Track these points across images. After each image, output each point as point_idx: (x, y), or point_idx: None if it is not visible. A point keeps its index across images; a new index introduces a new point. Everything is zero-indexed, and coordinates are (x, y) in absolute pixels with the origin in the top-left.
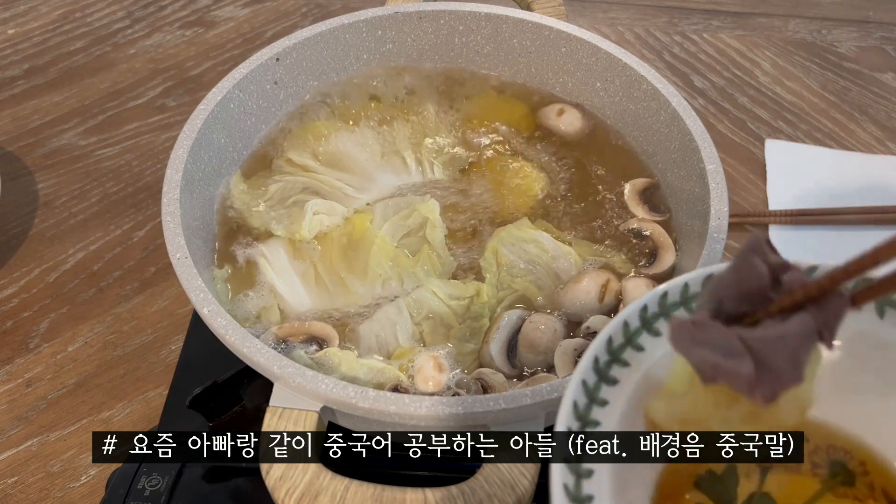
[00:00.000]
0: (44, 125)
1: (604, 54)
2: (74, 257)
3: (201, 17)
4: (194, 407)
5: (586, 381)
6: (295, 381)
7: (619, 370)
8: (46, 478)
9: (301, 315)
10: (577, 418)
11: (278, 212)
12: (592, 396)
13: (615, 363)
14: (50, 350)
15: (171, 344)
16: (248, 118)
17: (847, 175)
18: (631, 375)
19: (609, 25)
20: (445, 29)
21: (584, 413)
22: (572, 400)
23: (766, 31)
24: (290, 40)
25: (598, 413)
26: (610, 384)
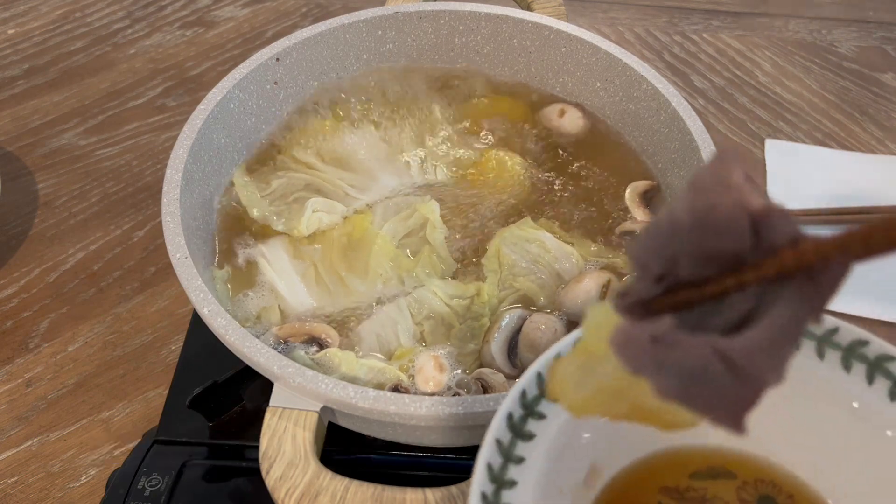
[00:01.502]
0: (44, 125)
1: (604, 54)
2: (74, 257)
3: (201, 17)
4: (194, 407)
5: (500, 440)
6: (295, 380)
7: (535, 424)
8: (46, 478)
9: (301, 315)
10: (492, 480)
11: (279, 207)
12: (508, 455)
13: (530, 417)
14: (50, 350)
15: (172, 344)
16: (248, 118)
17: (847, 175)
18: (549, 427)
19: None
20: (445, 29)
21: (499, 475)
22: (486, 462)
23: (766, 31)
24: (290, 40)
25: (515, 472)
26: (526, 440)
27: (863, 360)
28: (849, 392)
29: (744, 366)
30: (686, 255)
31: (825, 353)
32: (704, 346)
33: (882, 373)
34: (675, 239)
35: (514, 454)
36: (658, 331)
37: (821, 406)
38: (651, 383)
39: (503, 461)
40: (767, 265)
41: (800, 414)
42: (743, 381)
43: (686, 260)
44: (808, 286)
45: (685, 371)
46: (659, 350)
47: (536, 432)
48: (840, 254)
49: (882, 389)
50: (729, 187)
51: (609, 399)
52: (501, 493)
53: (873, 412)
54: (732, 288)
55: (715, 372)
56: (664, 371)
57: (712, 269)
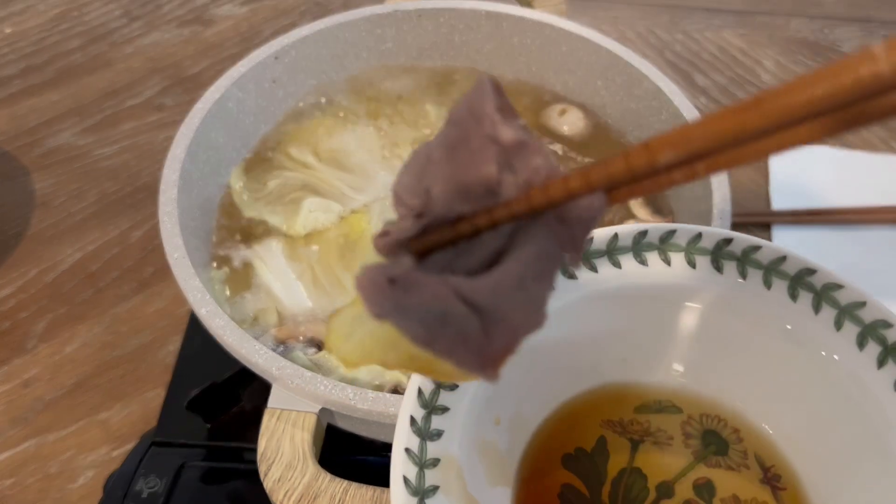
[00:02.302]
0: (41, 125)
1: (605, 52)
2: (72, 258)
3: (199, 16)
4: (192, 408)
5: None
6: (293, 382)
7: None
8: (44, 479)
9: (299, 317)
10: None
11: (275, 208)
12: (429, 405)
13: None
14: (47, 351)
15: (170, 345)
16: (246, 117)
17: (852, 174)
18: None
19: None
20: (445, 27)
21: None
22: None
23: (768, 30)
24: (288, 39)
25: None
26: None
27: (784, 276)
28: (773, 311)
29: (487, 307)
30: (440, 188)
31: (747, 273)
32: (443, 286)
33: (828, 301)
34: (428, 171)
35: (432, 426)
36: (395, 272)
37: (758, 338)
38: (397, 328)
39: (426, 413)
40: (518, 202)
41: (744, 348)
42: (490, 325)
43: (441, 194)
44: (557, 224)
45: (426, 315)
46: (398, 292)
47: (450, 405)
48: (585, 188)
49: (828, 318)
50: (481, 118)
51: (382, 348)
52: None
53: (810, 337)
54: (485, 227)
55: (457, 315)
56: (406, 315)
57: (467, 205)
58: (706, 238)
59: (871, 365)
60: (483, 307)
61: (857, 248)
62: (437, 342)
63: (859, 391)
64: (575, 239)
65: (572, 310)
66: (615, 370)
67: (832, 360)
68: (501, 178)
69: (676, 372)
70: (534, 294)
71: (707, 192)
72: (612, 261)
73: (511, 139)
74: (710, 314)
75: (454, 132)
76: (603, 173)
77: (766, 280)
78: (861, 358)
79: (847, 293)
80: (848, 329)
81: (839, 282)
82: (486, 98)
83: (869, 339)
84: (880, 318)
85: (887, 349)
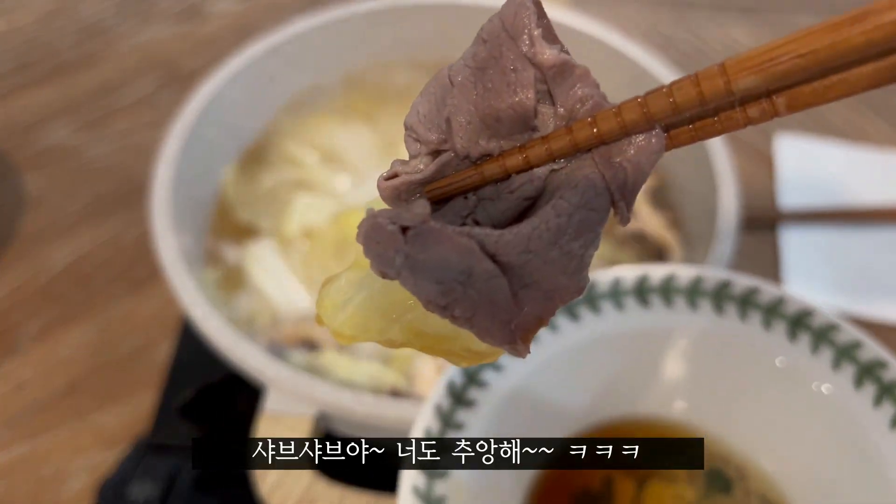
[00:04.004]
0: (33, 123)
1: (609, 49)
2: (65, 259)
3: (195, 12)
4: (185, 412)
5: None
6: (289, 385)
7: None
8: (37, 483)
9: (294, 317)
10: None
11: (269, 206)
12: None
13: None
14: (40, 353)
15: (163, 346)
16: (240, 114)
17: (858, 171)
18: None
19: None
20: (444, 22)
21: (447, 416)
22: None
23: (774, 26)
24: (284, 34)
25: (463, 415)
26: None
27: (783, 318)
28: (772, 350)
29: (517, 265)
30: (463, 118)
31: (723, 309)
32: (466, 238)
33: (804, 330)
34: (449, 98)
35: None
36: (408, 220)
37: (761, 376)
38: (405, 287)
39: (453, 403)
40: (557, 138)
41: (746, 386)
42: (520, 288)
43: (464, 126)
44: (605, 167)
45: (445, 272)
46: (411, 244)
47: (479, 399)
48: (641, 121)
49: (805, 346)
50: (517, 34)
51: (383, 319)
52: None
53: (807, 375)
54: (516, 168)
55: (482, 273)
56: (420, 272)
57: (495, 141)
58: (707, 280)
59: (867, 404)
60: (512, 266)
61: (866, 248)
62: (456, 306)
63: (857, 431)
64: (626, 186)
65: (578, 350)
66: (618, 406)
67: (829, 398)
68: (539, 108)
69: (679, 408)
70: (574, 251)
71: (712, 191)
72: (615, 303)
73: (553, 60)
74: (711, 353)
75: (484, 51)
76: (664, 103)
77: (766, 321)
78: (858, 398)
79: (844, 334)
80: (845, 369)
81: (836, 324)
82: (524, 11)
83: (865, 380)
84: (877, 359)
85: (883, 389)
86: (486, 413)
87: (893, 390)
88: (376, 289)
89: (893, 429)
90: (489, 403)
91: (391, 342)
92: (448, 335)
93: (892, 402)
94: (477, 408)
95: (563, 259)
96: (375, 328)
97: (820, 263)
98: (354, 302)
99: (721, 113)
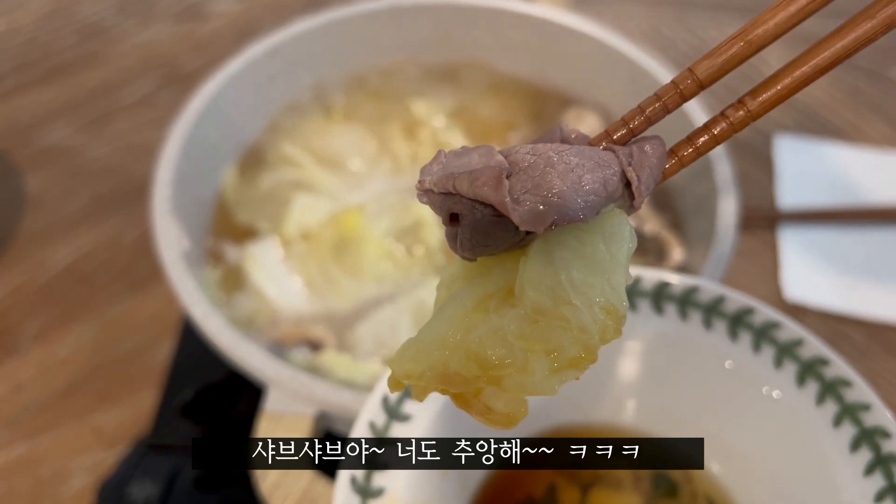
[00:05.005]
0: (33, 123)
1: (609, 49)
2: (65, 258)
3: (195, 12)
4: (186, 412)
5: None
6: (290, 385)
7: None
8: (36, 484)
9: (294, 317)
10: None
11: (268, 207)
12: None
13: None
14: (40, 353)
15: (163, 346)
16: (241, 114)
17: (857, 171)
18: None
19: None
20: (445, 22)
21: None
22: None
23: None
24: (285, 35)
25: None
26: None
27: (723, 317)
28: (717, 350)
29: (519, 160)
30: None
31: (687, 315)
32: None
33: (745, 328)
34: None
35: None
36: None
37: (707, 379)
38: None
39: (365, 474)
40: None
41: (691, 386)
42: (516, 172)
43: None
44: (626, 151)
45: (465, 161)
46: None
47: (414, 413)
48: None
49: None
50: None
51: (442, 350)
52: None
53: (751, 375)
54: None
55: (487, 152)
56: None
57: None
58: (645, 281)
59: (810, 403)
60: (519, 163)
61: (864, 248)
62: (456, 174)
63: (801, 429)
64: (639, 167)
65: None
66: (566, 411)
67: (773, 398)
68: None
69: (627, 412)
70: (578, 176)
71: (712, 191)
72: None
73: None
74: (657, 353)
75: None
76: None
77: (707, 321)
78: (801, 396)
79: (786, 332)
80: (787, 368)
81: (777, 320)
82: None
83: (808, 378)
84: (818, 356)
85: (826, 387)
86: (429, 418)
87: (835, 388)
88: (435, 322)
89: (836, 427)
90: (433, 408)
91: (450, 378)
92: (503, 361)
93: (834, 399)
94: (420, 412)
95: (569, 175)
96: (441, 363)
97: (819, 263)
98: (415, 342)
99: (710, 125)
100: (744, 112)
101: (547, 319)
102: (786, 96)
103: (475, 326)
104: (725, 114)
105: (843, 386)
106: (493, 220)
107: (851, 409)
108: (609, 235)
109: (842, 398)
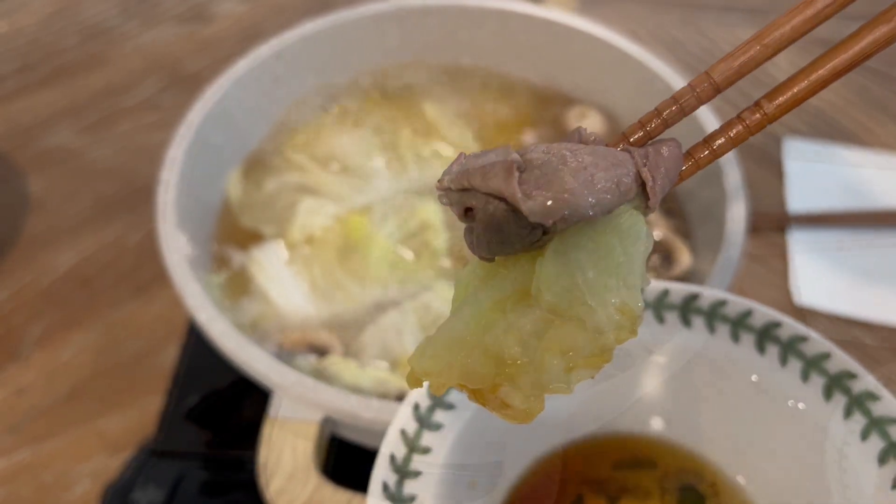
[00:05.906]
0: (35, 125)
1: (616, 51)
2: (68, 262)
3: (199, 13)
4: (191, 418)
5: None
6: (295, 390)
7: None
8: (39, 489)
9: (299, 322)
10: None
11: (274, 211)
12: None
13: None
14: (42, 357)
15: (168, 351)
16: (246, 117)
17: (867, 174)
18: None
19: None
20: (451, 24)
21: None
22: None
23: None
24: (290, 37)
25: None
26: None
27: (751, 330)
28: (744, 363)
29: (538, 162)
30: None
31: (715, 328)
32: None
33: (771, 341)
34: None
35: (420, 444)
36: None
37: (731, 396)
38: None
39: (398, 478)
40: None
41: (718, 400)
42: (528, 168)
43: None
44: (641, 151)
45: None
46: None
47: (444, 422)
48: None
49: (774, 357)
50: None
51: (461, 350)
52: (405, 482)
53: (777, 389)
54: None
55: (503, 151)
56: (466, 167)
57: None
58: (673, 294)
59: (838, 416)
60: (533, 161)
61: (876, 251)
62: (470, 168)
63: (829, 443)
64: (653, 169)
65: None
66: (593, 423)
67: (801, 412)
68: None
69: (654, 424)
70: (588, 171)
71: (721, 195)
72: None
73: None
74: (685, 366)
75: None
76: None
77: (734, 334)
78: (828, 409)
79: (813, 345)
80: (815, 381)
81: (804, 334)
82: None
83: (835, 391)
84: (846, 370)
85: (853, 400)
86: (458, 428)
87: (863, 402)
88: (453, 321)
89: (864, 441)
90: (463, 418)
91: (468, 375)
92: (519, 359)
93: (862, 413)
94: (450, 422)
95: (579, 171)
96: (459, 360)
97: (829, 267)
98: (434, 339)
99: (727, 127)
100: (760, 115)
101: (562, 319)
102: (802, 99)
103: (492, 325)
104: (741, 116)
105: (870, 399)
106: (505, 213)
107: (879, 423)
108: (625, 236)
109: (869, 412)
